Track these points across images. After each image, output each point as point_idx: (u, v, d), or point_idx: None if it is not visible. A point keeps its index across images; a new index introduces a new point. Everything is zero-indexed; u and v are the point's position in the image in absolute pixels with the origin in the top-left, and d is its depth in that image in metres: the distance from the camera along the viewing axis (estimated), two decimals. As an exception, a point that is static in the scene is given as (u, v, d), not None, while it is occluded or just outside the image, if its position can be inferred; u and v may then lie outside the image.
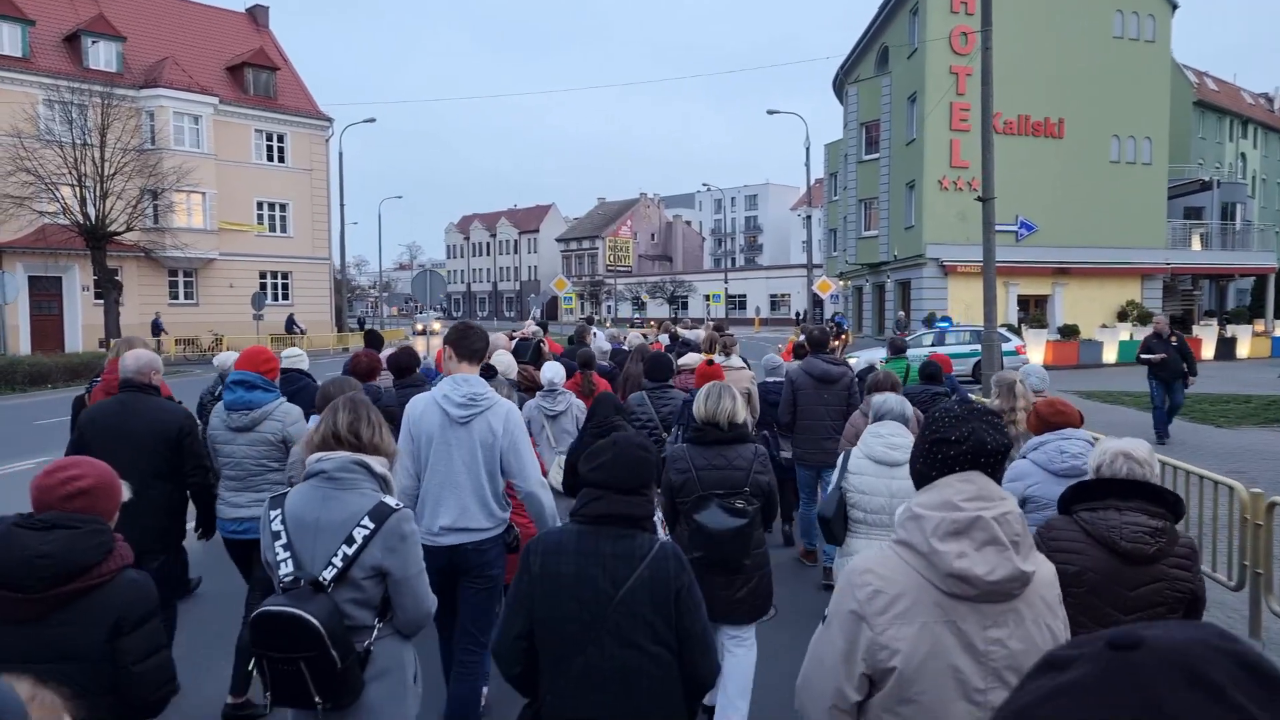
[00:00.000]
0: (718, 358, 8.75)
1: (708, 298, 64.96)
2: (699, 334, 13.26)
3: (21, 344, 33.45)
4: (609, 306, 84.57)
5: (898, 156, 37.60)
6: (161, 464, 4.74)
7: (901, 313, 35.24)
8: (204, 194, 37.69)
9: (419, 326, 42.85)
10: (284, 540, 2.96)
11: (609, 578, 2.73)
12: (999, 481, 2.16)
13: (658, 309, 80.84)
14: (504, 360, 7.35)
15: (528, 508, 4.33)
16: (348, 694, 2.87)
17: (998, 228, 14.87)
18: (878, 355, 15.49)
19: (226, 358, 7.47)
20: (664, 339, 15.05)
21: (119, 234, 31.08)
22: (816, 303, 46.12)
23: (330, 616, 2.81)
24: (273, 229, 42.19)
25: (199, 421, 5.36)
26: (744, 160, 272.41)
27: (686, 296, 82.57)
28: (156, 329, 35.19)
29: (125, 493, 2.85)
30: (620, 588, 2.71)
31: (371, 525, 2.93)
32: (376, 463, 3.09)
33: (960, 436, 2.11)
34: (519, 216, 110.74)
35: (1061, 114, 34.90)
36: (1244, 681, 0.67)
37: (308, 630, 2.75)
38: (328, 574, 2.87)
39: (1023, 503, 4.24)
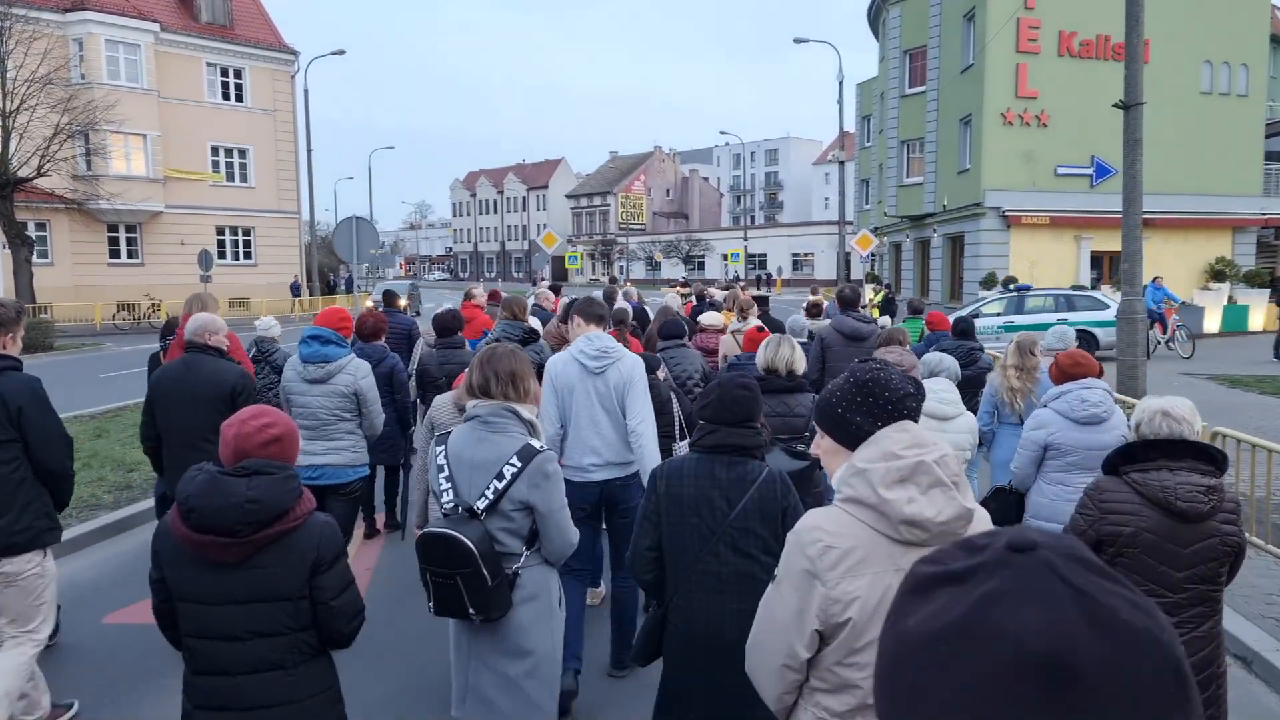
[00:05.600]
0: (734, 322, 8.78)
1: (726, 257, 59.55)
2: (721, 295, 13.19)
3: (-72, 310, 28.75)
4: (621, 266, 79.31)
5: (949, 88, 31.97)
6: (219, 419, 4.35)
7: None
8: (144, 136, 32.73)
9: (404, 303, 36.68)
10: (446, 473, 3.40)
11: (724, 497, 3.15)
12: None
13: (673, 269, 75.86)
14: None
15: (631, 441, 4.78)
16: (496, 609, 3.29)
17: (1068, 170, 10.50)
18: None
19: (267, 322, 7.73)
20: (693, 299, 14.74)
21: (28, 180, 26.28)
22: (847, 263, 40.92)
23: (482, 540, 3.23)
24: (230, 178, 37.09)
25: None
26: (764, 117, 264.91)
27: (703, 256, 77.43)
28: (296, 290, 35.80)
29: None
30: (734, 506, 3.13)
31: (519, 464, 3.33)
32: (524, 409, 3.49)
33: (893, 389, 2.17)
34: (527, 172, 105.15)
35: (1147, 34, 29.08)
36: (1096, 562, 0.75)
37: (463, 550, 3.20)
38: (481, 504, 3.31)
39: (1045, 449, 4.61)
